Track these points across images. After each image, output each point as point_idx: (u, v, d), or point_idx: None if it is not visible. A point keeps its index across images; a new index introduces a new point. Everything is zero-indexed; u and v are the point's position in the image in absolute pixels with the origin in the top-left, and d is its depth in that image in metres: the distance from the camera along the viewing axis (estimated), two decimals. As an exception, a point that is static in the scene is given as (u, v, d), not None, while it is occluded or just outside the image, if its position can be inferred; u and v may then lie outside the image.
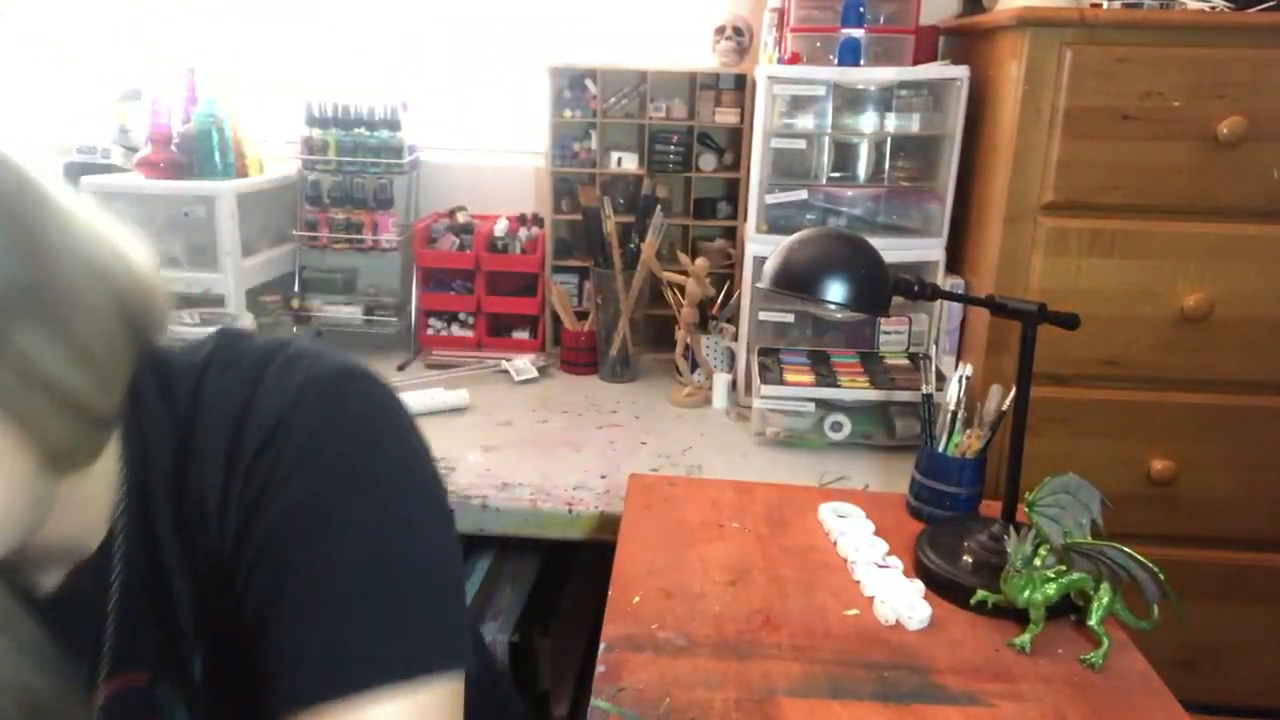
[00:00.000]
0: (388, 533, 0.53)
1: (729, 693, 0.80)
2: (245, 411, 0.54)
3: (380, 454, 0.54)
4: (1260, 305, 1.34)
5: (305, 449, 0.52)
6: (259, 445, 0.53)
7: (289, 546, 0.51)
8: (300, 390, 0.54)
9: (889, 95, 1.55)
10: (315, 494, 0.52)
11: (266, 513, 0.52)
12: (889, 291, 1.00)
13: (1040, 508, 0.89)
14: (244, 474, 0.53)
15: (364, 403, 0.56)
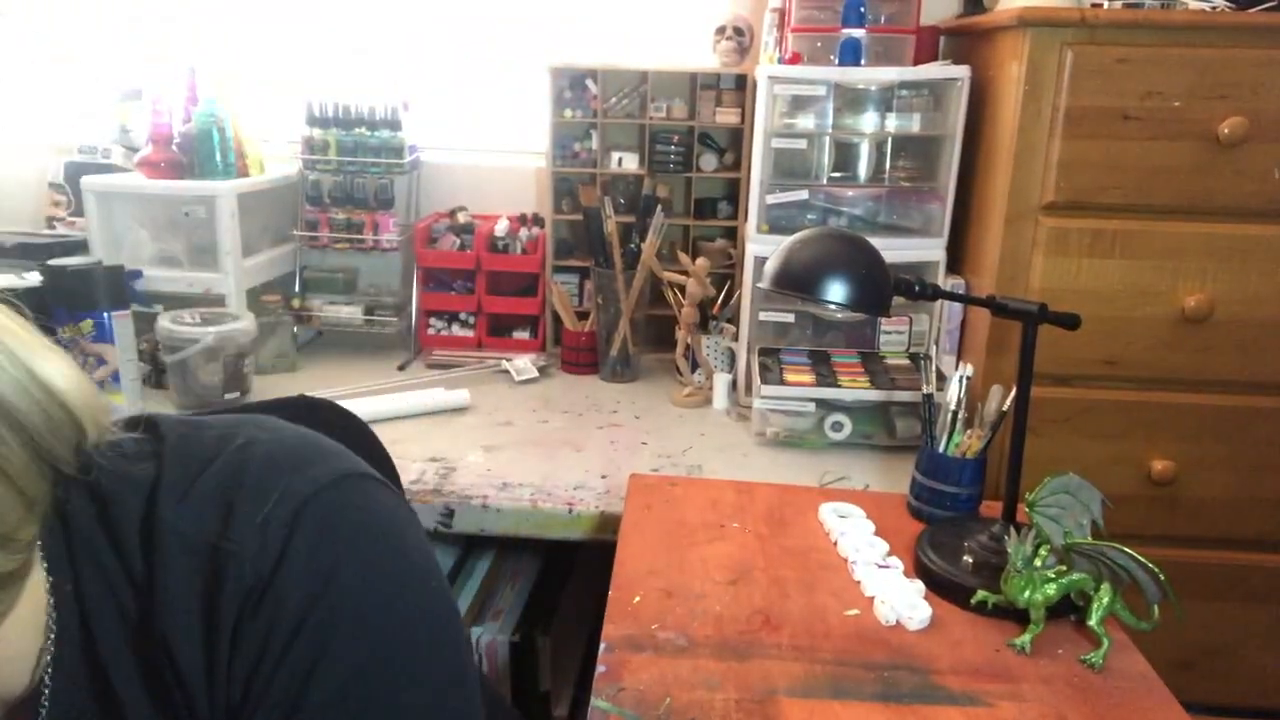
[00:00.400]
0: (418, 693, 0.49)
1: (729, 693, 0.80)
2: (217, 556, 0.47)
3: (393, 598, 0.49)
4: (1260, 305, 1.34)
5: (304, 618, 0.46)
6: (242, 605, 0.46)
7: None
8: (282, 532, 0.47)
9: (889, 95, 1.55)
10: (337, 671, 0.47)
11: (272, 692, 0.46)
12: (889, 291, 1.00)
13: (1040, 508, 0.90)
14: (231, 641, 0.46)
15: (357, 543, 0.49)
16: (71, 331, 1.38)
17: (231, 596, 0.46)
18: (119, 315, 1.40)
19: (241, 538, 0.47)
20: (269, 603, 0.46)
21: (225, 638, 0.46)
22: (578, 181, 1.78)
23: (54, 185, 1.88)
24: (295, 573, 0.46)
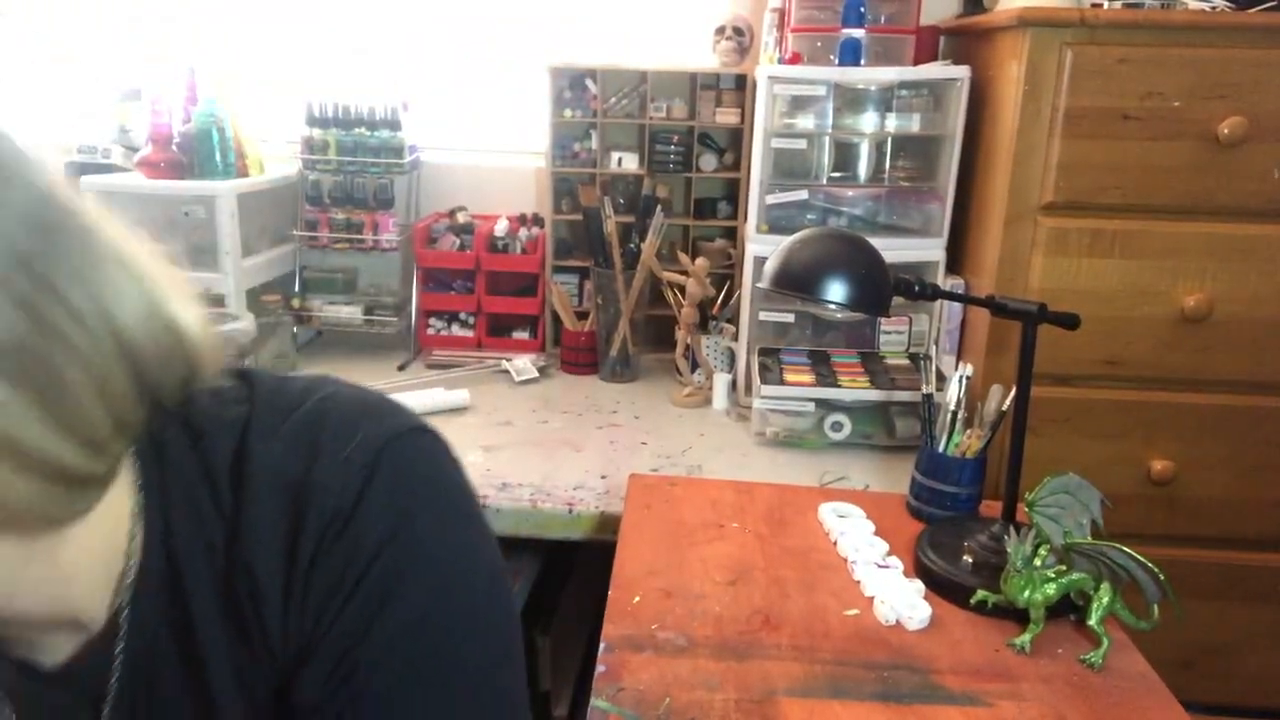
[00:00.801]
0: (472, 648, 0.50)
1: (729, 693, 0.80)
2: (302, 491, 0.48)
3: (459, 543, 0.51)
4: (1260, 305, 1.34)
5: (380, 550, 0.48)
6: (320, 539, 0.48)
7: (372, 665, 0.48)
8: (364, 472, 0.49)
9: (889, 95, 1.55)
10: (400, 603, 0.48)
11: (343, 621, 0.48)
12: (889, 291, 1.00)
13: (1040, 508, 0.90)
14: (306, 572, 0.48)
15: (431, 489, 0.51)
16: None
17: (312, 530, 0.48)
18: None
19: (325, 475, 0.48)
20: (347, 538, 0.48)
21: (302, 569, 0.48)
22: (577, 181, 1.78)
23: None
24: (373, 511, 0.48)
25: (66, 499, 0.42)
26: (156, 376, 0.45)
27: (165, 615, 0.49)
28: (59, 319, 0.40)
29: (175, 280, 0.47)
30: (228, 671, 0.50)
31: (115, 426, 0.43)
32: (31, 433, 0.39)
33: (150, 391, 0.45)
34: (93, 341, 0.41)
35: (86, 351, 0.41)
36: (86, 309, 0.41)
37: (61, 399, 0.40)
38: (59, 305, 0.40)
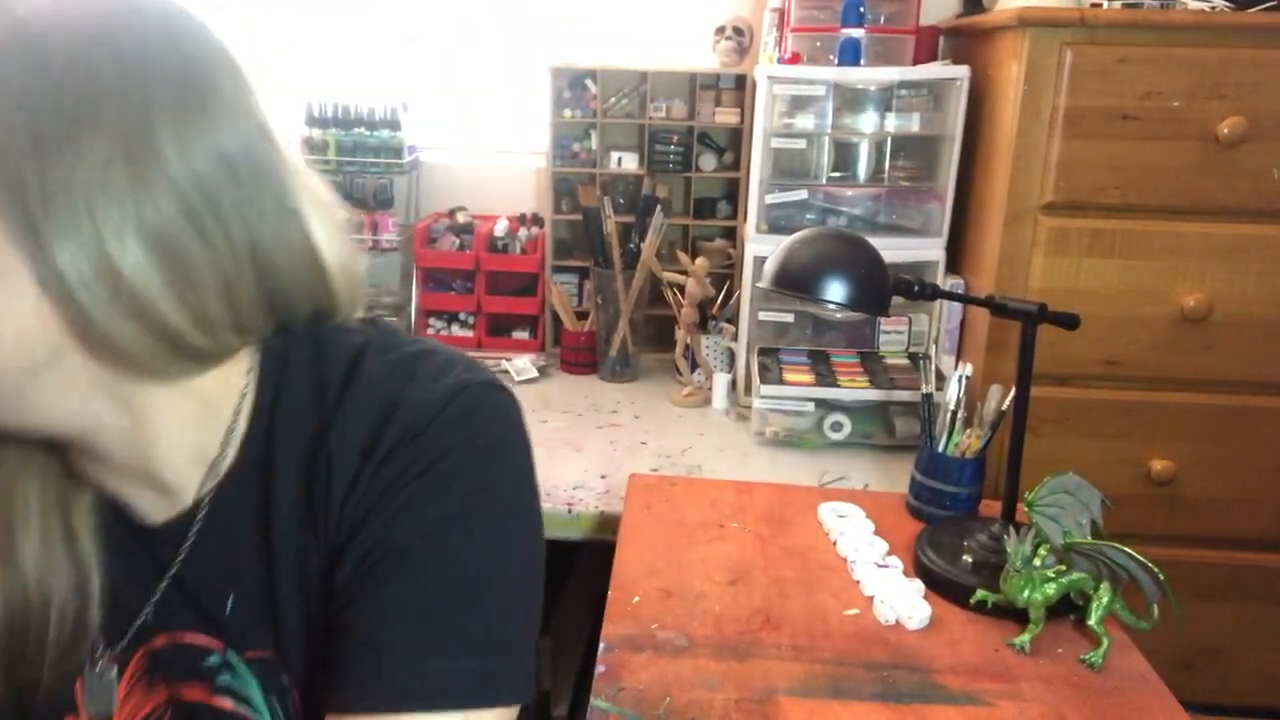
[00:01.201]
0: (491, 565, 0.53)
1: (729, 693, 0.80)
2: (393, 404, 0.54)
3: (504, 484, 0.55)
4: (1260, 305, 1.34)
5: (437, 461, 0.53)
6: (396, 442, 0.53)
7: (397, 555, 0.51)
8: (448, 397, 0.54)
9: (889, 95, 1.55)
10: (437, 511, 0.52)
11: (385, 514, 0.52)
12: (889, 291, 1.00)
13: (1040, 507, 0.90)
14: (376, 467, 0.53)
15: (501, 427, 0.56)
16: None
17: (389, 437, 0.53)
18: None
19: (414, 395, 0.54)
20: (414, 447, 0.52)
21: (372, 466, 0.53)
22: (577, 181, 1.77)
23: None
24: (442, 431, 0.53)
25: (165, 358, 0.49)
26: (287, 297, 0.53)
27: (252, 498, 0.55)
28: (211, 231, 0.48)
29: (335, 220, 0.55)
30: (292, 553, 0.54)
31: (234, 321, 0.51)
32: (153, 295, 0.46)
33: (281, 308, 0.53)
34: (234, 258, 0.49)
35: (225, 262, 0.49)
36: (237, 232, 0.49)
37: (191, 285, 0.48)
38: (216, 221, 0.48)
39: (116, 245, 0.45)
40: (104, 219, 0.44)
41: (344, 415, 0.54)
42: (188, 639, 0.56)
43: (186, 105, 0.47)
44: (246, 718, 0.56)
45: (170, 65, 0.48)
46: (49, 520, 0.54)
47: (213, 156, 0.48)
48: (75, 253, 0.44)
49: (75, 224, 0.44)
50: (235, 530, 0.55)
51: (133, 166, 0.45)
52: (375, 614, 0.51)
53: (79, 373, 0.48)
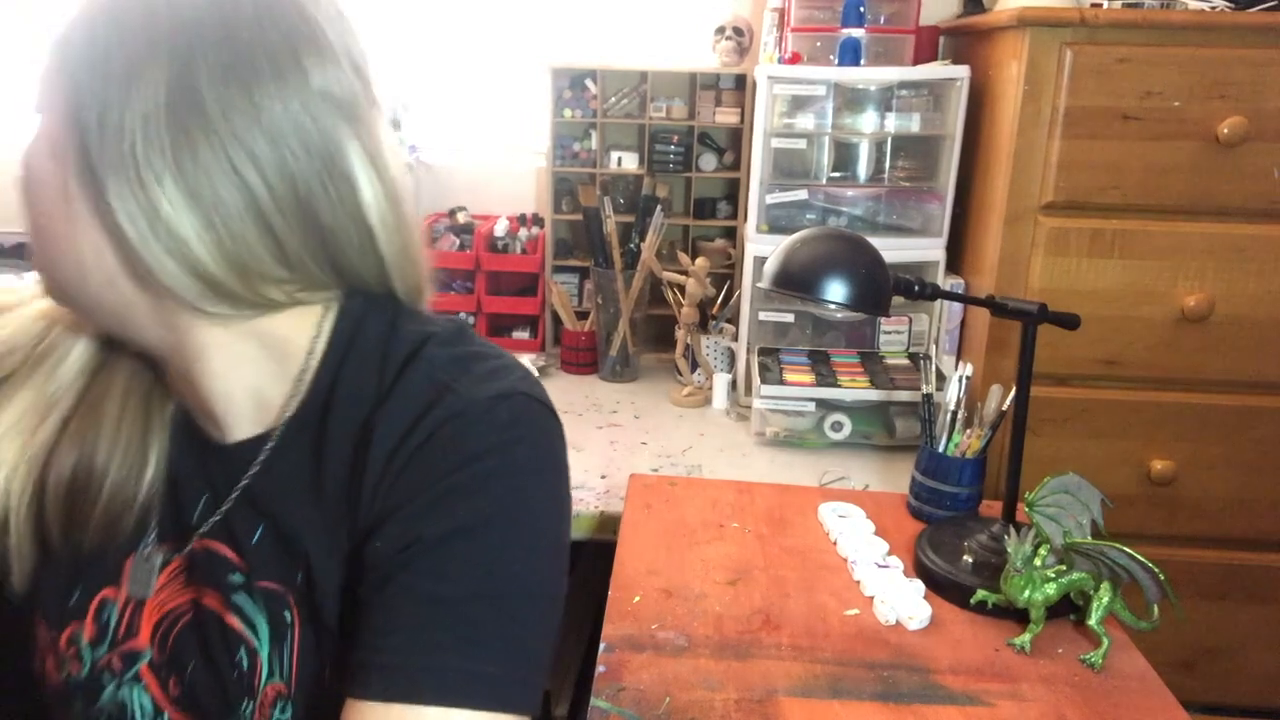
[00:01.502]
0: (519, 573, 0.54)
1: (729, 693, 0.80)
2: (443, 391, 0.55)
3: (539, 499, 0.56)
4: (1260, 305, 1.34)
5: (477, 458, 0.54)
6: (437, 428, 0.54)
7: (429, 546, 0.52)
8: (497, 399, 0.56)
9: (889, 95, 1.55)
10: (473, 509, 0.53)
11: (421, 500, 0.53)
12: (889, 291, 1.00)
13: (1040, 507, 0.90)
14: (415, 449, 0.54)
15: (544, 443, 0.58)
16: (71, 331, 1.38)
17: (431, 421, 0.54)
18: (119, 315, 1.40)
19: (464, 389, 0.56)
20: (456, 439, 0.54)
21: (409, 449, 0.54)
22: (577, 181, 1.78)
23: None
24: (488, 430, 0.55)
25: (206, 298, 0.52)
26: (347, 260, 0.56)
27: (305, 448, 0.58)
28: (252, 184, 0.51)
29: (384, 190, 0.56)
30: (328, 509, 0.57)
31: (275, 273, 0.53)
32: (189, 236, 0.50)
33: (335, 269, 0.56)
34: (279, 213, 0.52)
35: (266, 215, 0.51)
36: (281, 189, 0.52)
37: (228, 231, 0.51)
38: (258, 175, 0.51)
39: (155, 187, 0.49)
40: (145, 162, 0.48)
41: (395, 393, 0.56)
42: (221, 551, 0.59)
43: (234, 64, 0.49)
44: (247, 640, 0.57)
45: (221, 24, 0.50)
46: (129, 410, 0.60)
47: (255, 114, 0.50)
48: (121, 190, 0.49)
49: (122, 164, 0.48)
50: (283, 472, 0.58)
51: (174, 116, 0.48)
52: (403, 604, 0.52)
53: (135, 301, 0.53)
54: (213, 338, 0.55)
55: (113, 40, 0.49)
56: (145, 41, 0.49)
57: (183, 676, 0.59)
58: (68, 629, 0.61)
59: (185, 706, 0.59)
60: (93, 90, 0.49)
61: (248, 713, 0.57)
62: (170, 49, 0.49)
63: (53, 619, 0.61)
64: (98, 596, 0.61)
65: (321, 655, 0.56)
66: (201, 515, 0.60)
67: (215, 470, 0.60)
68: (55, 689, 0.61)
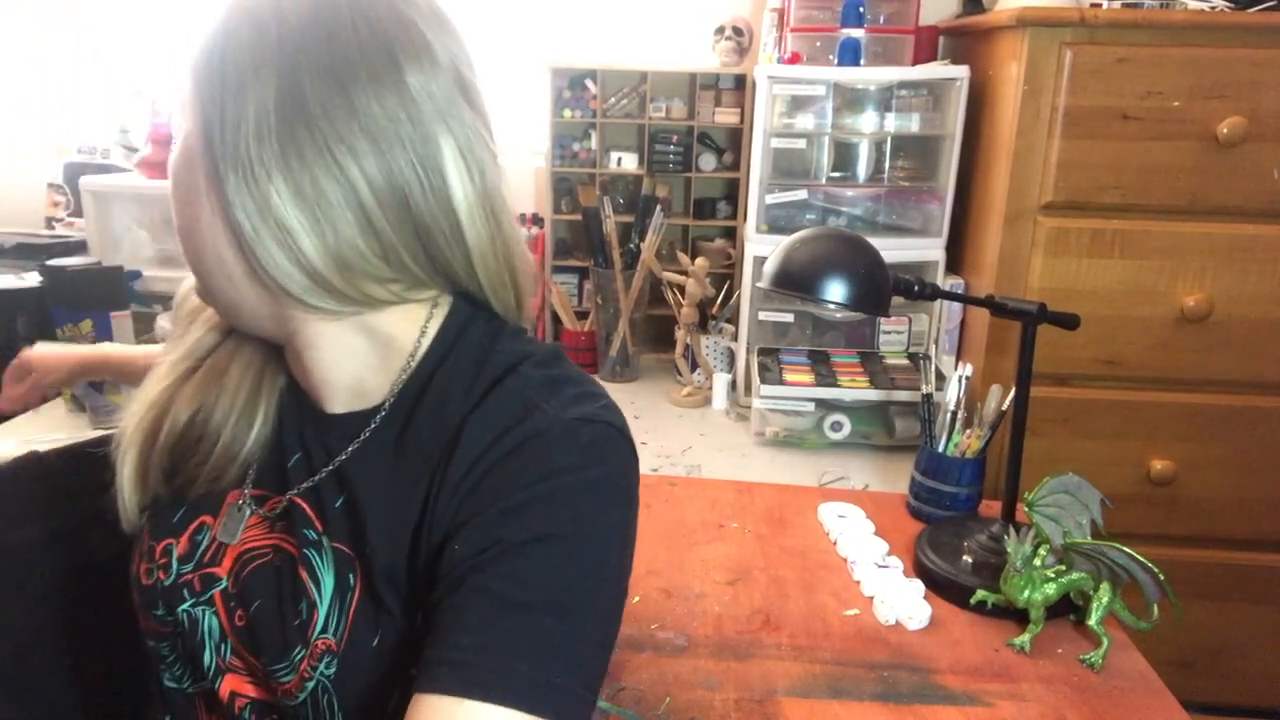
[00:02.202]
0: (587, 592, 0.55)
1: (729, 693, 0.80)
2: (530, 408, 0.58)
3: (612, 524, 0.59)
4: (1260, 305, 1.34)
5: (558, 475, 0.56)
6: (521, 442, 0.57)
7: (505, 552, 0.54)
8: (582, 421, 0.59)
9: (889, 95, 1.55)
10: (549, 522, 0.55)
11: (499, 509, 0.55)
12: (889, 291, 1.00)
13: (1040, 508, 0.89)
14: (498, 460, 0.56)
15: (622, 471, 0.62)
16: (71, 332, 1.38)
17: (516, 436, 0.57)
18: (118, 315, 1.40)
19: (552, 408, 0.58)
20: (537, 457, 0.56)
21: (489, 461, 0.57)
22: (577, 181, 1.78)
23: (54, 185, 1.88)
24: (569, 449, 0.57)
25: (312, 292, 0.56)
26: (442, 257, 0.59)
27: (393, 436, 0.61)
28: (357, 186, 0.54)
29: (478, 201, 0.59)
30: (398, 503, 0.59)
31: (373, 272, 0.57)
32: (296, 230, 0.54)
33: (440, 269, 0.59)
34: (381, 216, 0.55)
35: (366, 217, 0.55)
36: (385, 193, 0.55)
37: (331, 228, 0.54)
38: (362, 177, 0.54)
39: (266, 183, 0.53)
40: (257, 159, 0.53)
41: (488, 403, 0.59)
42: (305, 509, 0.63)
43: (333, 66, 0.53)
44: (309, 592, 0.61)
45: (322, 30, 0.54)
46: (248, 377, 0.66)
47: (354, 113, 0.53)
48: (239, 186, 0.53)
49: (239, 162, 0.53)
50: (370, 453, 0.62)
51: (282, 117, 0.53)
52: (476, 605, 0.53)
53: (253, 297, 0.58)
54: (323, 330, 0.60)
55: (229, 53, 0.54)
56: (256, 51, 0.54)
57: (248, 611, 0.63)
58: (164, 541, 0.66)
59: (245, 639, 0.63)
60: (214, 99, 0.54)
61: (298, 659, 0.60)
62: (278, 56, 0.53)
63: (156, 530, 0.67)
64: (197, 520, 0.67)
65: (376, 624, 0.59)
66: (294, 473, 0.65)
67: (311, 436, 0.65)
68: (143, 591, 0.66)
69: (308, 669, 0.60)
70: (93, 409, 1.39)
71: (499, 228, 0.62)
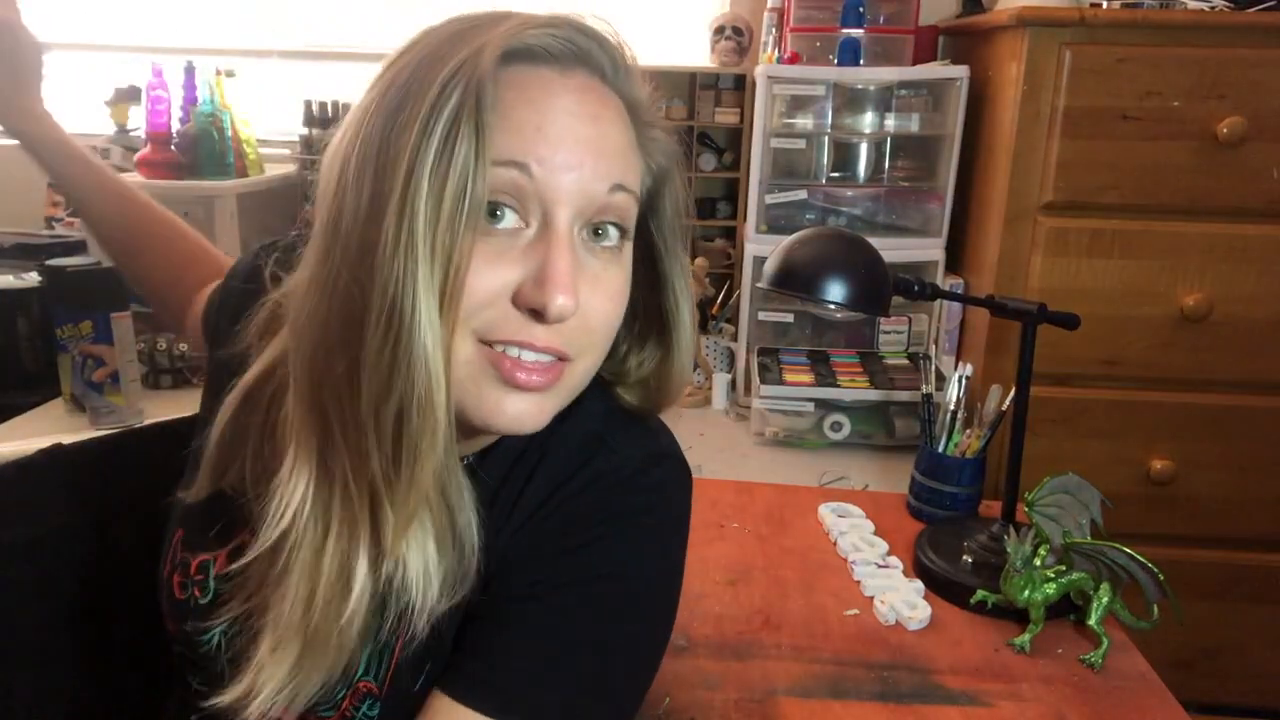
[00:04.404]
0: (637, 631, 0.56)
1: (729, 693, 0.80)
2: (597, 447, 0.57)
3: (673, 565, 0.59)
4: (1260, 305, 1.35)
5: (630, 516, 0.56)
6: (591, 481, 0.56)
7: (559, 585, 0.54)
8: (651, 460, 0.58)
9: (889, 95, 1.55)
10: (610, 562, 0.54)
11: (563, 546, 0.54)
12: (889, 291, 1.00)
13: (1040, 508, 0.89)
14: (562, 502, 0.55)
15: (684, 508, 0.61)
16: (71, 332, 1.38)
17: (590, 473, 0.56)
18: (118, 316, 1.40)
19: (620, 445, 0.58)
20: (611, 488, 0.56)
21: (564, 496, 0.55)
22: (577, 181, 1.77)
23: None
24: (640, 487, 0.57)
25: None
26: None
27: (498, 471, 0.58)
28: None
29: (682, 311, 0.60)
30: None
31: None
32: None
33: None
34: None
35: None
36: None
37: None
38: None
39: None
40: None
41: (555, 441, 0.57)
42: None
43: None
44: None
45: None
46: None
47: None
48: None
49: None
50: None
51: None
52: (521, 628, 0.53)
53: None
54: None
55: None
56: None
57: None
58: (201, 556, 0.62)
59: None
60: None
61: (340, 697, 0.57)
62: None
63: (191, 541, 0.62)
64: (237, 539, 0.61)
65: (420, 669, 0.56)
66: None
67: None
68: (175, 604, 0.63)
69: (349, 708, 0.57)
70: (92, 409, 1.39)
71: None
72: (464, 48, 0.48)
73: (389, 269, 0.46)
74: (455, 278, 0.47)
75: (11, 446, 1.26)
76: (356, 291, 0.47)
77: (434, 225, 0.46)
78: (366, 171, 0.48)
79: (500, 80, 0.48)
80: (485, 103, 0.46)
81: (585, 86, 0.52)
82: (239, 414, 0.59)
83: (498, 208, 0.49)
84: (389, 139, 0.47)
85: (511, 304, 0.49)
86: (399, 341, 0.46)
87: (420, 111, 0.46)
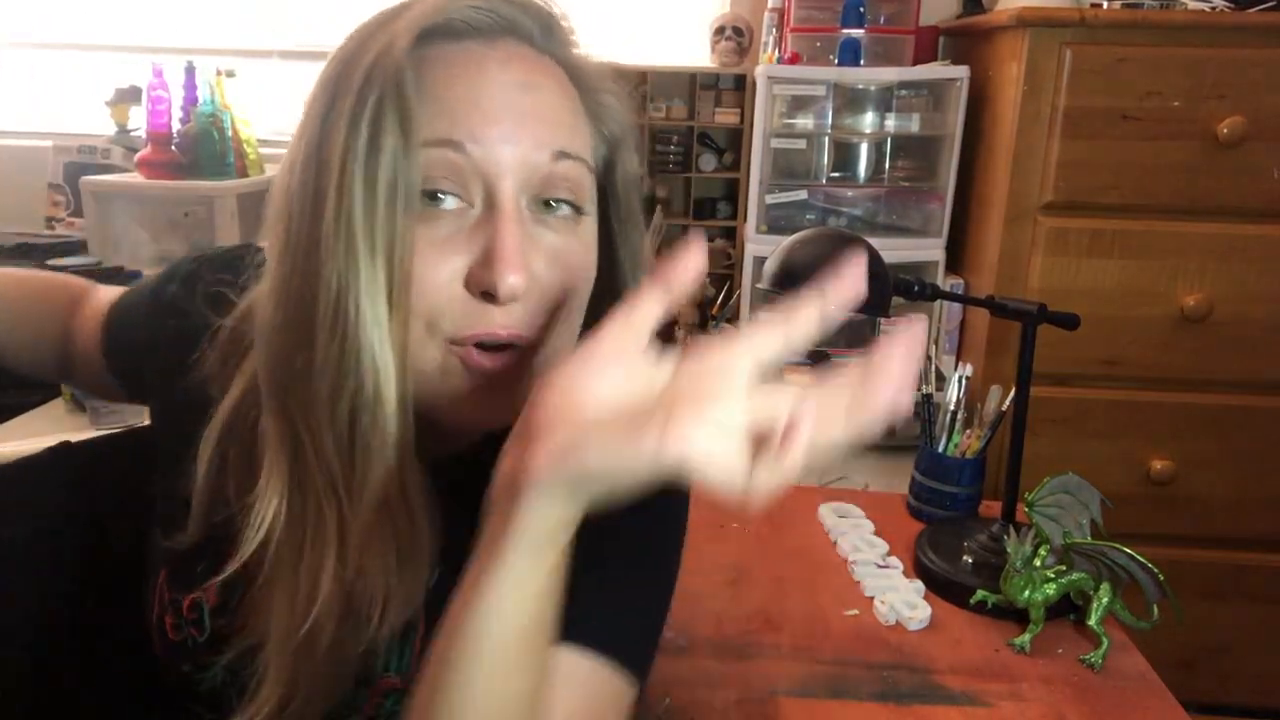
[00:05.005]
0: (664, 571, 0.62)
1: (729, 693, 0.80)
2: None
3: (682, 522, 0.67)
4: (1260, 305, 1.34)
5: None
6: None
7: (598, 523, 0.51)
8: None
9: (889, 95, 1.55)
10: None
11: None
12: (889, 291, 1.00)
13: (1040, 508, 0.89)
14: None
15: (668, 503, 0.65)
16: (71, 332, 1.38)
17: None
18: (118, 315, 1.40)
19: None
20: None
21: None
22: (577, 181, 1.77)
23: (54, 185, 1.88)
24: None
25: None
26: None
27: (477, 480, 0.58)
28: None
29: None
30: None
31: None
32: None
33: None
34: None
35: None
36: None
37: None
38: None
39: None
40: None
41: None
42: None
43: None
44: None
45: None
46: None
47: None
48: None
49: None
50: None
51: None
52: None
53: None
54: None
55: None
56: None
57: None
58: (190, 596, 0.59)
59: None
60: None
61: (360, 701, 0.55)
62: None
63: (176, 581, 0.59)
64: (220, 572, 0.57)
65: None
66: None
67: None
68: (168, 646, 0.60)
69: (372, 707, 0.56)
70: (93, 409, 1.39)
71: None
72: (384, 34, 0.47)
73: (331, 265, 0.45)
74: (400, 268, 0.45)
75: (13, 446, 1.26)
76: (307, 292, 0.46)
77: (371, 216, 0.44)
78: (309, 171, 0.47)
79: (424, 60, 0.47)
80: (406, 86, 0.45)
81: (514, 55, 0.50)
82: (221, 444, 0.56)
83: (436, 190, 0.47)
84: (324, 136, 0.46)
85: (465, 290, 0.47)
86: (345, 337, 0.45)
87: (347, 105, 0.45)
